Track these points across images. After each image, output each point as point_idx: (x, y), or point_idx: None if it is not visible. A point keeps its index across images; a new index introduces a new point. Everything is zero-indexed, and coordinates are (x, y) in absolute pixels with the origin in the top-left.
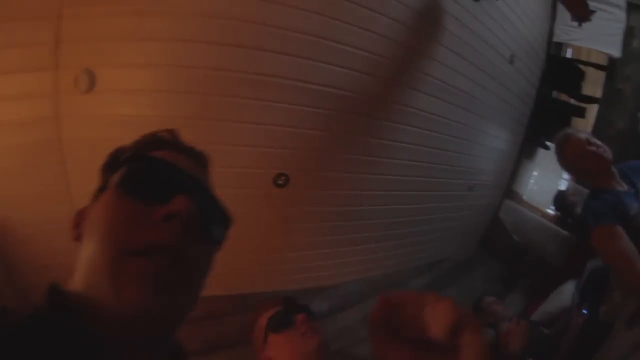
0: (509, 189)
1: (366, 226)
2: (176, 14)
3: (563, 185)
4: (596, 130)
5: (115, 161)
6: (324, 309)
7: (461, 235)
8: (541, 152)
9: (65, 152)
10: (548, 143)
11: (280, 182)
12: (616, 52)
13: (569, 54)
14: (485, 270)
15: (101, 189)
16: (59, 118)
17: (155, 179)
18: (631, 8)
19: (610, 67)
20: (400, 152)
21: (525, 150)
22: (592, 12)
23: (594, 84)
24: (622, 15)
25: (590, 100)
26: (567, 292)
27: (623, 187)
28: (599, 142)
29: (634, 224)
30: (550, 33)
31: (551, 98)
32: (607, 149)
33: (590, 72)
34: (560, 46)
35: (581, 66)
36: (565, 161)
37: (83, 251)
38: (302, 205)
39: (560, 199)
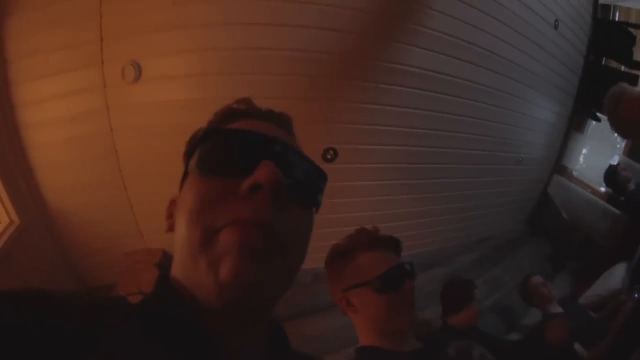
0: (558, 164)
1: (415, 201)
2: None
3: (615, 161)
4: None
5: (191, 145)
6: None
7: (509, 212)
8: (592, 124)
9: (117, 141)
10: (599, 114)
11: (329, 157)
12: None
13: (617, 17)
14: (533, 249)
15: (184, 176)
16: (109, 109)
17: (230, 152)
18: None
19: None
20: (447, 123)
21: (575, 122)
22: None
23: None
24: None
25: None
26: (617, 275)
27: None
28: None
29: None
30: None
31: (601, 66)
32: None
33: None
34: (608, 9)
35: (631, 30)
36: (619, 120)
37: (176, 240)
38: (350, 180)
39: (612, 174)
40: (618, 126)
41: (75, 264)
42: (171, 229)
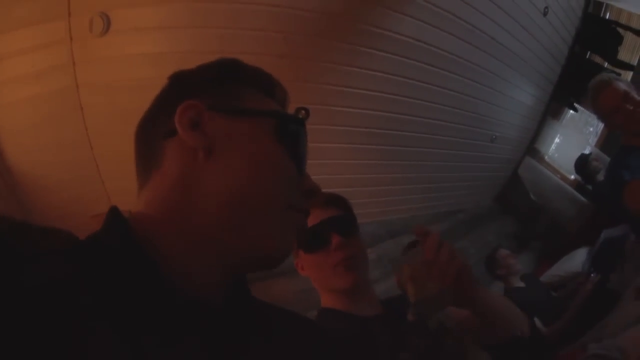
0: (531, 147)
1: (386, 167)
2: None
3: (587, 151)
4: None
5: (244, 80)
6: None
7: (480, 187)
8: (569, 114)
9: (83, 98)
10: (577, 105)
11: (300, 116)
12: None
13: (607, 15)
14: (499, 225)
15: (253, 113)
16: (74, 64)
17: (305, 148)
18: None
19: None
20: (424, 92)
21: (552, 109)
22: None
23: (631, 51)
24: None
25: (626, 66)
26: (578, 258)
27: None
28: (637, 98)
29: None
30: None
31: (584, 59)
32: None
33: (628, 37)
34: (599, 6)
35: (620, 30)
36: (598, 111)
37: (218, 175)
38: (321, 141)
39: (583, 162)
40: (596, 115)
41: None
42: (208, 151)
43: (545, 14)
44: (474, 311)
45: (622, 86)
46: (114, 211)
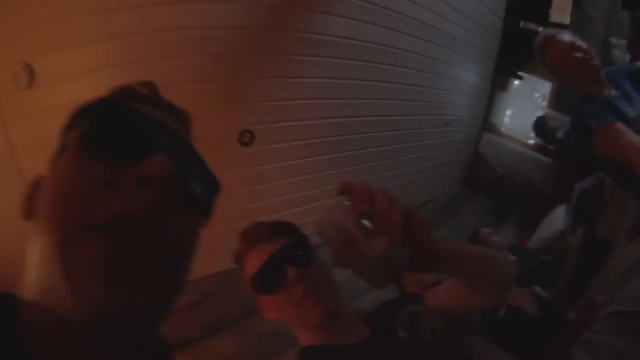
0: (486, 123)
1: (343, 175)
2: None
3: (541, 113)
4: None
5: (76, 116)
6: None
7: (445, 173)
8: (515, 83)
9: (21, 159)
10: (520, 73)
11: (245, 139)
12: None
13: None
14: (474, 206)
15: (60, 151)
16: (5, 124)
17: (127, 132)
18: None
19: None
20: (367, 90)
21: (499, 82)
22: None
23: (561, 11)
24: None
25: (559, 27)
26: (557, 217)
27: (611, 92)
28: (584, 46)
29: (634, 128)
30: None
31: (519, 28)
32: (593, 54)
33: None
34: None
35: None
36: (548, 66)
37: (34, 233)
38: (271, 162)
39: (539, 124)
40: (547, 71)
41: None
42: (29, 214)
43: None
44: (447, 267)
45: (567, 37)
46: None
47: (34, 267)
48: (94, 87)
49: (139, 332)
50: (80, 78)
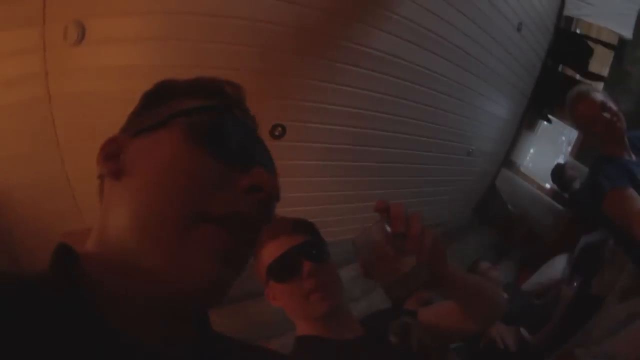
0: (507, 159)
1: (362, 184)
2: None
3: (562, 160)
4: None
5: (171, 96)
6: None
7: (457, 200)
8: (543, 125)
9: (55, 110)
10: (550, 116)
11: (277, 133)
12: (627, 33)
13: (578, 30)
14: (478, 237)
15: (159, 124)
16: (47, 74)
17: (239, 140)
18: None
19: (620, 48)
20: (400, 108)
21: (527, 121)
22: None
23: (601, 63)
24: None
25: (597, 77)
26: (558, 265)
27: (631, 157)
28: (614, 109)
29: None
30: (562, 6)
31: (557, 72)
32: (621, 117)
33: (598, 50)
34: (570, 20)
35: (590, 43)
36: (576, 121)
37: (125, 198)
38: (297, 159)
39: (558, 172)
40: (575, 126)
41: (9, 246)
42: (118, 175)
43: (519, 30)
44: (450, 289)
45: (599, 96)
46: (59, 251)
47: (118, 229)
48: (138, 55)
49: (212, 306)
50: (127, 45)
